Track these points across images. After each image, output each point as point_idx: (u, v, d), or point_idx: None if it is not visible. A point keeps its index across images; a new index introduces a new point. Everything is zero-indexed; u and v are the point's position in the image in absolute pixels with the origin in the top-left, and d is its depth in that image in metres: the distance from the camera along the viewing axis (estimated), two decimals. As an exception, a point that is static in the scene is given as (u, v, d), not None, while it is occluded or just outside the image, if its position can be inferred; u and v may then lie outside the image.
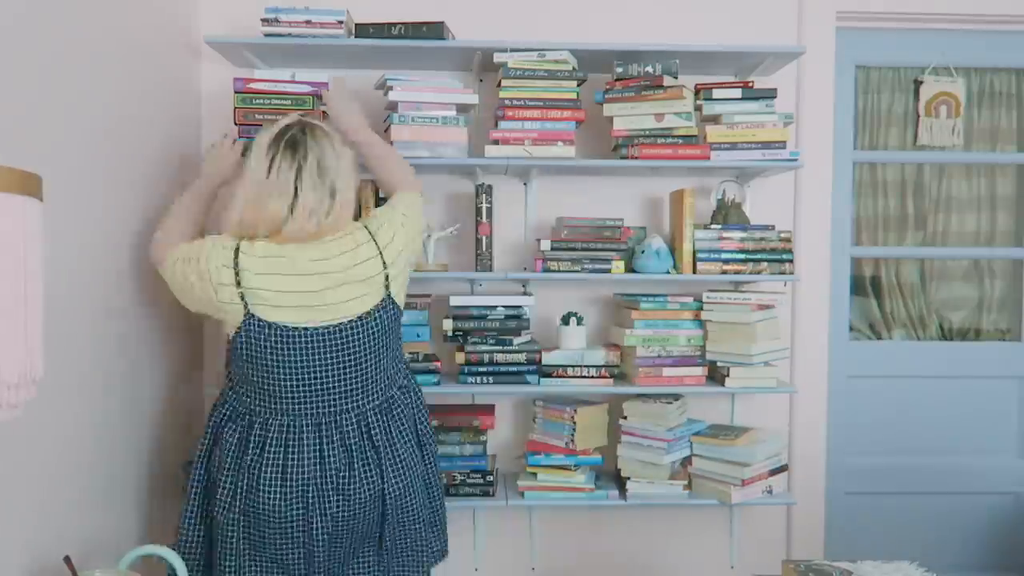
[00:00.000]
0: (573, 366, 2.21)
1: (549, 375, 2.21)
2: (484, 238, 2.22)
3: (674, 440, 2.21)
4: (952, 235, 2.67)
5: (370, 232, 1.63)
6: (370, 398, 1.63)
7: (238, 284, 1.54)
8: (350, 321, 1.57)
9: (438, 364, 2.19)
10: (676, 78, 2.16)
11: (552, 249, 2.18)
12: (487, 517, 2.47)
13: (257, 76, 2.12)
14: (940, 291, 2.72)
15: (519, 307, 2.21)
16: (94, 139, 1.67)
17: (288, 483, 1.56)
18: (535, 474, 2.24)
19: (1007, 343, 2.66)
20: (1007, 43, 2.58)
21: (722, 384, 2.22)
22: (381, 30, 2.12)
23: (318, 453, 1.58)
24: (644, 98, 2.16)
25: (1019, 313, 2.68)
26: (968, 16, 2.49)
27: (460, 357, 2.20)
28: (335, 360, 1.57)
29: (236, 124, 2.11)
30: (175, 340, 2.15)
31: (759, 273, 2.20)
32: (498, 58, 2.14)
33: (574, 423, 2.18)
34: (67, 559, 1.37)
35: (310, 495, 1.57)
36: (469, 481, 2.20)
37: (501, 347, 2.20)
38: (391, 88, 2.11)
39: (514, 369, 2.20)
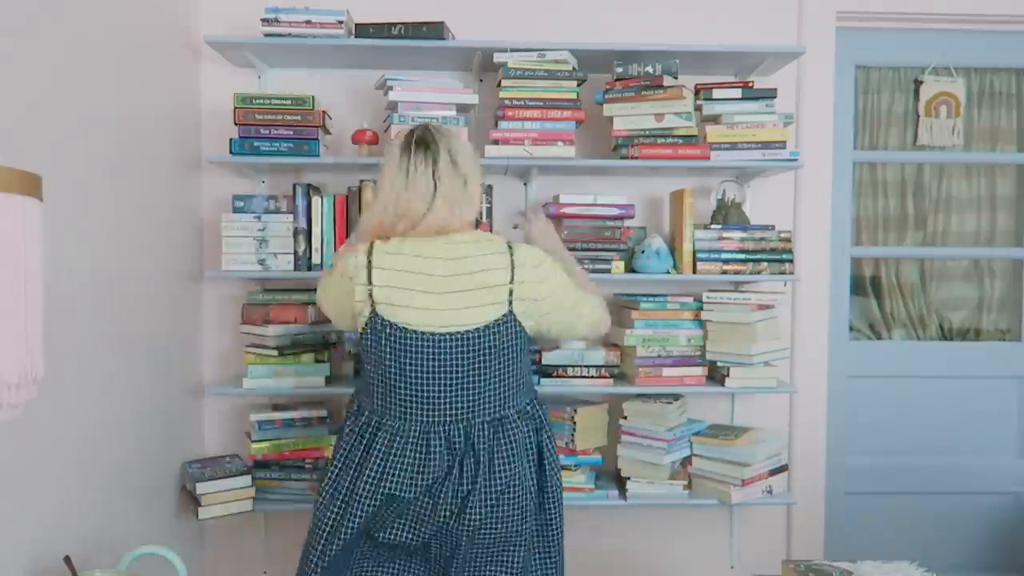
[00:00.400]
0: (573, 366, 2.21)
1: (549, 375, 2.21)
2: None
3: (674, 440, 2.21)
4: (952, 235, 2.67)
5: (510, 248, 1.59)
6: (478, 414, 1.58)
7: (369, 281, 1.55)
8: (467, 331, 1.53)
9: (438, 364, 2.18)
10: (676, 78, 2.16)
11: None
12: (487, 517, 2.47)
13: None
14: (940, 291, 2.72)
15: (519, 307, 2.21)
16: (94, 139, 1.67)
17: (383, 485, 1.56)
18: (535, 474, 2.24)
19: (1007, 343, 2.66)
20: (1007, 43, 2.58)
21: (722, 384, 2.22)
22: (381, 30, 2.12)
23: (419, 462, 1.56)
24: (644, 98, 2.16)
25: (1019, 313, 2.68)
26: (968, 16, 2.49)
27: (460, 357, 2.19)
28: (447, 369, 1.54)
29: (236, 124, 2.11)
30: (175, 340, 2.15)
31: (759, 273, 2.21)
32: (498, 58, 2.14)
33: (574, 423, 2.18)
34: (67, 559, 1.37)
35: (402, 498, 1.56)
36: (469, 481, 2.20)
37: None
38: (391, 88, 2.11)
39: (514, 369, 2.20)
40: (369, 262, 1.56)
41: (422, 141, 1.59)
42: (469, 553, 1.61)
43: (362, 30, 2.13)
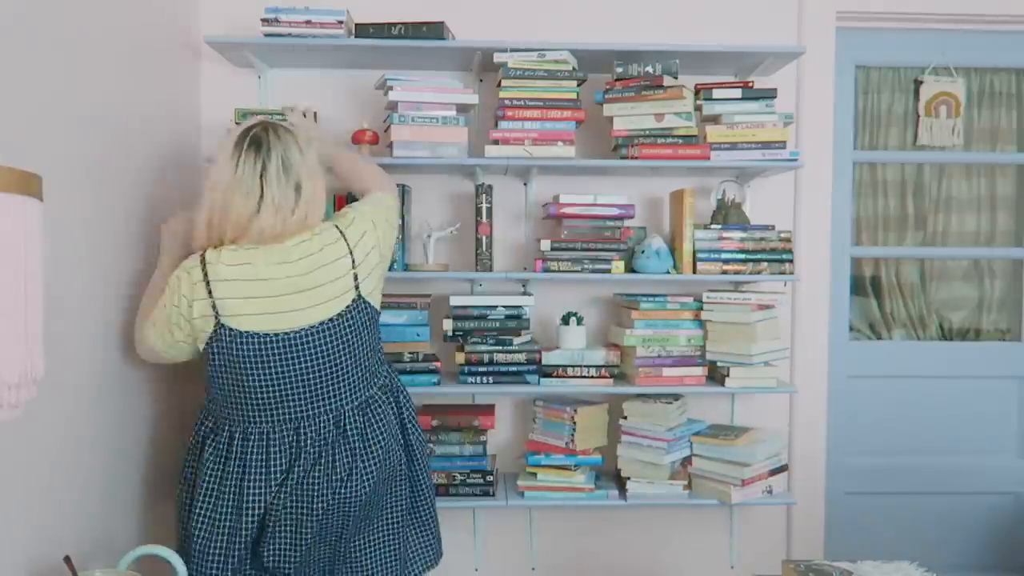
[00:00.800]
0: (573, 366, 2.21)
1: (549, 375, 2.21)
2: (484, 238, 2.22)
3: (674, 440, 2.21)
4: (952, 235, 2.67)
5: (340, 230, 1.62)
6: (346, 400, 1.62)
7: (210, 294, 1.54)
8: (316, 326, 1.56)
9: (438, 364, 2.19)
10: (676, 78, 2.16)
11: (552, 249, 2.18)
12: (487, 517, 2.47)
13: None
14: (940, 291, 2.72)
15: (519, 307, 2.21)
16: (94, 139, 1.67)
17: (270, 487, 1.58)
18: (535, 474, 2.24)
19: (1007, 343, 2.66)
20: (1007, 43, 2.58)
21: (722, 384, 2.22)
22: (381, 30, 2.12)
23: (293, 455, 1.59)
24: (644, 98, 2.16)
25: (1019, 313, 2.68)
26: (968, 16, 2.49)
27: (460, 357, 2.20)
28: (304, 365, 1.56)
29: (235, 123, 2.11)
30: (175, 340, 2.14)
31: (759, 273, 2.20)
32: (498, 58, 2.14)
33: (574, 423, 2.18)
34: (67, 559, 1.37)
35: (294, 501, 1.58)
36: (469, 481, 2.20)
37: (501, 347, 2.20)
38: (391, 88, 2.11)
39: (514, 369, 2.20)
40: (204, 275, 1.54)
41: (255, 140, 1.57)
42: (351, 533, 1.66)
43: (362, 30, 2.13)
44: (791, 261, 2.21)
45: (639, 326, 2.22)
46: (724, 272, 2.20)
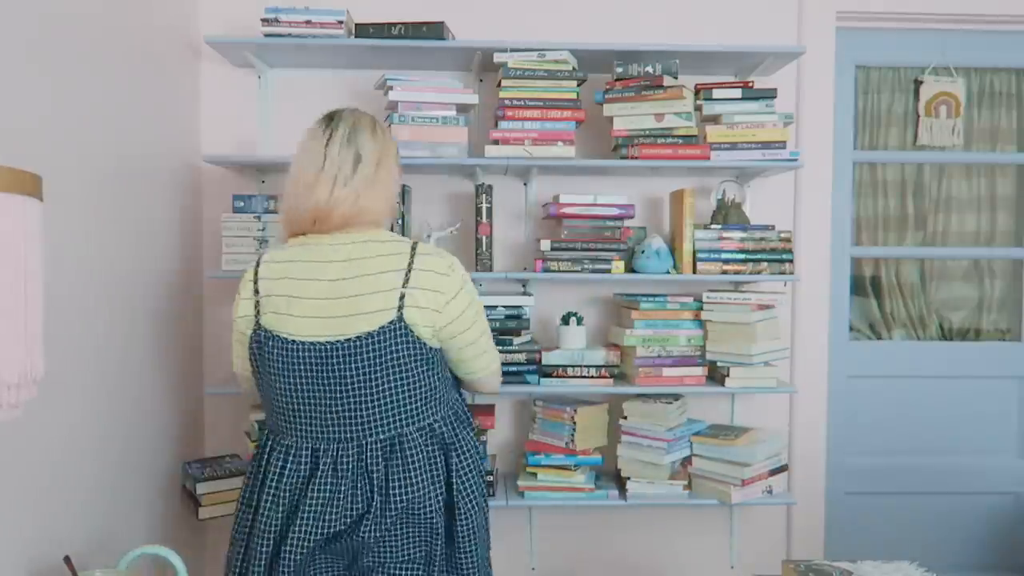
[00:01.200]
0: (573, 366, 2.21)
1: (549, 375, 2.21)
2: (484, 238, 2.22)
3: (674, 440, 2.21)
4: (952, 235, 2.67)
5: (413, 250, 1.45)
6: (370, 432, 1.43)
7: (256, 292, 1.47)
8: (354, 339, 1.39)
9: (438, 364, 2.18)
10: (676, 78, 2.16)
11: (552, 249, 2.18)
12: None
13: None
14: (940, 291, 2.72)
15: (519, 307, 2.21)
16: (94, 139, 1.67)
17: (279, 506, 1.45)
18: (535, 474, 2.24)
19: (1007, 343, 2.66)
20: (1007, 43, 2.58)
21: (722, 384, 2.22)
22: (381, 30, 2.12)
23: (306, 479, 1.45)
24: (644, 98, 2.16)
25: (1019, 313, 2.68)
26: (968, 16, 2.49)
27: (460, 357, 2.19)
28: (335, 383, 1.41)
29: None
30: (175, 340, 2.15)
31: (759, 273, 2.20)
32: (498, 58, 2.14)
33: (574, 423, 2.18)
34: (67, 559, 1.37)
35: (285, 524, 1.45)
36: (469, 481, 2.20)
37: (501, 347, 2.19)
38: (391, 88, 2.11)
39: (514, 369, 2.20)
40: (255, 274, 1.49)
41: (329, 115, 1.53)
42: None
43: (362, 30, 2.13)
44: (791, 261, 2.21)
45: (639, 326, 2.22)
46: (724, 272, 2.20)
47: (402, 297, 1.41)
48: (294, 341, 1.42)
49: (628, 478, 2.24)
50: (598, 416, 2.27)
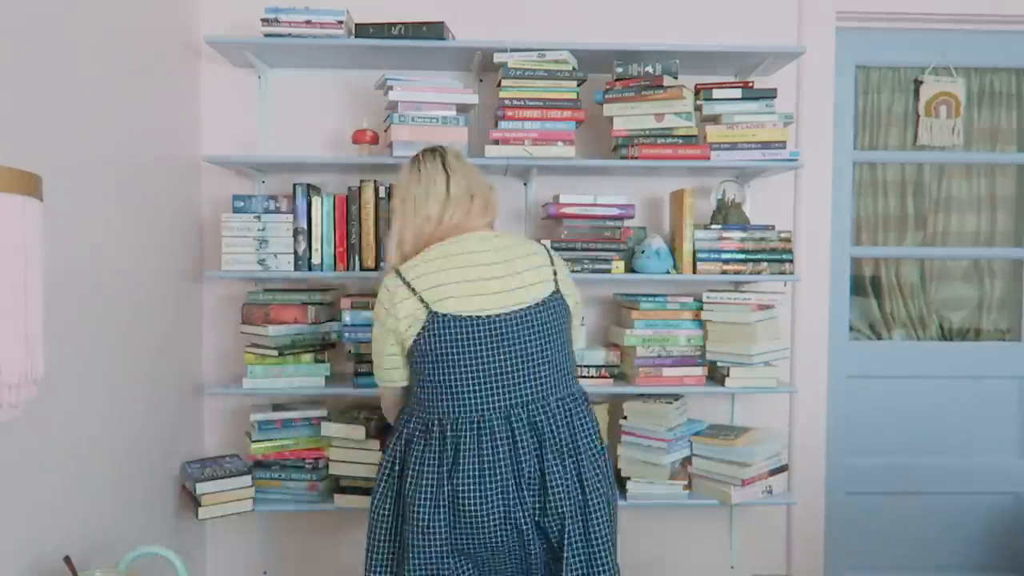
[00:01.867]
0: (573, 366, 2.21)
1: (549, 375, 2.21)
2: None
3: (674, 440, 2.21)
4: (952, 235, 2.67)
5: (548, 249, 1.68)
6: (555, 389, 1.58)
7: (413, 292, 1.55)
8: (529, 307, 1.56)
9: (438, 364, 2.19)
10: (676, 78, 2.16)
11: (552, 249, 2.17)
12: (487, 517, 2.47)
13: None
14: (940, 291, 2.72)
15: (519, 307, 2.21)
16: (94, 139, 1.67)
17: (487, 487, 1.49)
18: (535, 474, 2.24)
19: (1007, 343, 2.66)
20: (1007, 43, 2.58)
21: (722, 384, 2.22)
22: (381, 30, 2.12)
23: (511, 448, 1.52)
24: (644, 98, 2.16)
25: (1019, 313, 2.68)
26: (968, 16, 2.49)
27: (460, 357, 2.20)
28: (516, 347, 1.54)
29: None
30: (175, 340, 2.15)
31: (759, 273, 2.20)
32: (498, 58, 2.14)
33: (574, 423, 2.18)
34: (67, 559, 1.37)
35: (511, 496, 1.50)
36: (469, 481, 2.20)
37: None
38: (391, 88, 2.11)
39: (514, 369, 2.19)
40: (405, 281, 1.56)
41: (433, 152, 1.70)
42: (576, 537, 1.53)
43: (362, 30, 2.13)
44: (791, 261, 2.21)
45: (639, 326, 2.22)
46: (724, 272, 2.20)
47: (555, 273, 1.63)
48: (479, 317, 1.53)
49: (628, 478, 2.24)
50: (598, 416, 2.27)
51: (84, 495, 1.63)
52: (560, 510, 1.52)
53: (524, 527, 1.51)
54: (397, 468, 1.60)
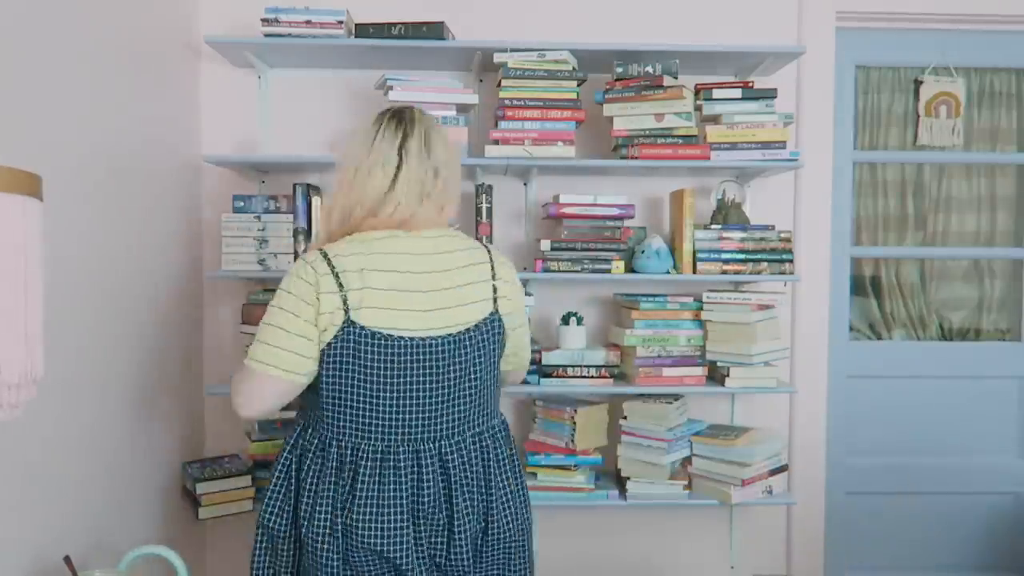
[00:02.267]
0: (573, 366, 2.21)
1: (549, 375, 2.21)
2: (484, 238, 2.22)
3: (674, 440, 2.21)
4: (952, 235, 2.67)
5: (490, 252, 1.47)
6: (473, 424, 1.43)
7: (340, 288, 1.33)
8: (460, 332, 1.38)
9: (438, 364, 2.18)
10: (676, 78, 2.16)
11: (552, 249, 2.18)
12: (487, 517, 2.47)
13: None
14: (940, 291, 2.72)
15: (519, 307, 2.21)
16: (94, 139, 1.67)
17: (383, 518, 1.35)
18: (535, 474, 2.24)
19: (1007, 343, 2.66)
20: (1007, 43, 2.58)
21: (722, 384, 2.22)
22: (381, 30, 2.12)
23: (415, 485, 1.37)
24: (644, 98, 2.16)
25: (1019, 313, 2.68)
26: (968, 16, 2.49)
27: (460, 357, 2.19)
28: (439, 376, 1.37)
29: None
30: (175, 340, 2.15)
31: (759, 273, 2.20)
32: (498, 58, 2.14)
33: (574, 423, 2.18)
34: (67, 559, 1.37)
35: (407, 535, 1.36)
36: (469, 481, 2.20)
37: (501, 347, 2.19)
38: (391, 88, 2.11)
39: (514, 369, 2.20)
40: (332, 268, 1.34)
41: (397, 114, 1.44)
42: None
43: (362, 30, 2.13)
44: (791, 261, 2.21)
45: (639, 326, 2.22)
46: (724, 272, 2.20)
47: (495, 289, 1.43)
48: (402, 337, 1.34)
49: (628, 478, 2.24)
50: (598, 416, 2.27)
51: (84, 495, 1.63)
52: (464, 552, 1.40)
53: (413, 570, 1.36)
54: (293, 483, 1.43)
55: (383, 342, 1.34)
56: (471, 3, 2.38)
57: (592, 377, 2.21)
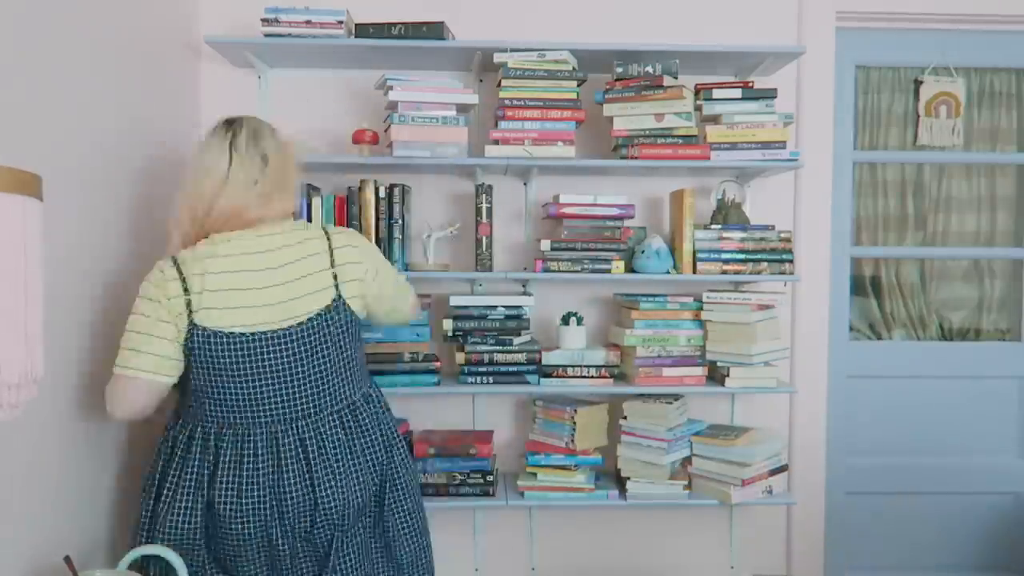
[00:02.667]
0: (573, 366, 2.21)
1: (549, 375, 2.21)
2: (484, 238, 2.22)
3: (674, 440, 2.21)
4: (952, 235, 2.67)
5: (327, 233, 1.57)
6: (330, 401, 1.55)
7: (185, 291, 1.46)
8: (299, 324, 1.49)
9: (438, 364, 2.19)
10: (676, 78, 2.16)
11: (552, 249, 2.18)
12: (487, 517, 2.47)
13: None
14: (940, 291, 2.72)
15: (519, 307, 2.21)
16: (94, 139, 1.67)
17: (244, 497, 1.48)
18: (535, 474, 2.24)
19: (1007, 343, 2.66)
20: (1007, 43, 2.57)
21: (722, 384, 2.22)
22: (381, 30, 2.12)
23: (275, 463, 1.50)
24: (644, 98, 2.16)
25: (1019, 313, 2.68)
26: (968, 16, 2.49)
27: (460, 357, 2.20)
28: (286, 365, 1.49)
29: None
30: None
31: (759, 273, 2.20)
32: (498, 58, 2.14)
33: (574, 423, 2.18)
34: (67, 559, 1.37)
35: (267, 508, 1.49)
36: (469, 481, 2.20)
37: (501, 347, 2.20)
38: (391, 88, 2.11)
39: (514, 369, 2.20)
40: (179, 273, 1.47)
41: (229, 119, 1.59)
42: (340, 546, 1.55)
43: (362, 30, 2.13)
44: (791, 261, 2.21)
45: (639, 326, 2.22)
46: (724, 272, 2.20)
47: (335, 276, 1.53)
48: (243, 334, 1.47)
49: (628, 478, 2.24)
50: (598, 416, 2.27)
51: (84, 495, 1.63)
52: (331, 522, 1.52)
53: (279, 545, 1.50)
54: (159, 469, 1.56)
55: (225, 340, 1.47)
56: (471, 3, 2.38)
57: (592, 377, 2.21)
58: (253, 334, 1.47)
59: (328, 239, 1.56)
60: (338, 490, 1.53)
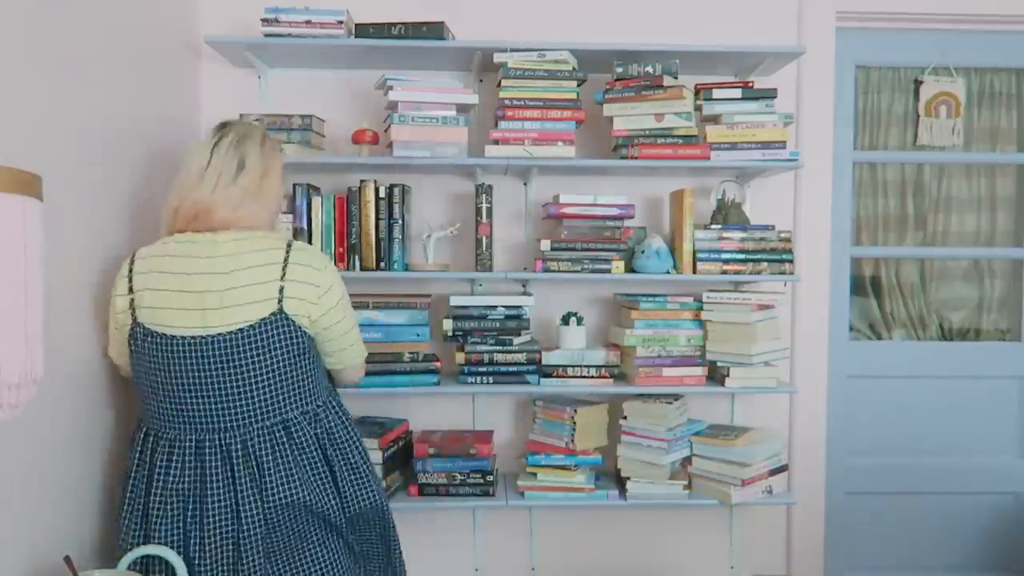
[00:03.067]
0: (573, 366, 2.21)
1: (549, 375, 2.21)
2: (484, 238, 2.22)
3: (674, 440, 2.21)
4: (952, 235, 2.67)
5: (288, 247, 1.52)
6: (263, 417, 1.49)
7: (130, 290, 1.51)
8: (231, 332, 1.45)
9: (438, 364, 2.19)
10: (676, 78, 2.16)
11: (552, 249, 2.18)
12: (487, 517, 2.47)
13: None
14: (940, 291, 2.72)
15: (519, 307, 2.21)
16: (94, 139, 1.67)
17: (168, 510, 1.50)
18: (535, 474, 2.24)
19: (1007, 343, 2.66)
20: (1007, 43, 2.57)
21: (722, 384, 2.22)
22: (381, 30, 2.12)
23: (199, 474, 1.49)
24: (644, 98, 2.16)
25: (1019, 313, 2.68)
26: (968, 16, 2.49)
27: (460, 357, 2.20)
28: (217, 373, 1.46)
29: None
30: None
31: (759, 273, 2.20)
32: (498, 58, 2.14)
33: (574, 423, 2.18)
34: (67, 559, 1.37)
35: (188, 518, 1.49)
36: (469, 481, 2.20)
37: (501, 347, 2.20)
38: (391, 88, 2.11)
39: (514, 369, 2.20)
40: (130, 270, 1.53)
41: (222, 123, 1.62)
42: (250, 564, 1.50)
43: (362, 30, 2.13)
44: (791, 261, 2.21)
45: (639, 326, 2.22)
46: (724, 272, 2.20)
47: (281, 290, 1.49)
48: (174, 336, 1.47)
49: (628, 478, 2.24)
50: (598, 416, 2.27)
51: (84, 495, 1.63)
52: (251, 539, 1.48)
53: (196, 558, 1.48)
54: (135, 460, 1.58)
55: (158, 339, 1.48)
56: (471, 3, 2.38)
57: (592, 377, 2.21)
58: (183, 337, 1.47)
59: (288, 252, 1.51)
60: (262, 503, 1.49)
